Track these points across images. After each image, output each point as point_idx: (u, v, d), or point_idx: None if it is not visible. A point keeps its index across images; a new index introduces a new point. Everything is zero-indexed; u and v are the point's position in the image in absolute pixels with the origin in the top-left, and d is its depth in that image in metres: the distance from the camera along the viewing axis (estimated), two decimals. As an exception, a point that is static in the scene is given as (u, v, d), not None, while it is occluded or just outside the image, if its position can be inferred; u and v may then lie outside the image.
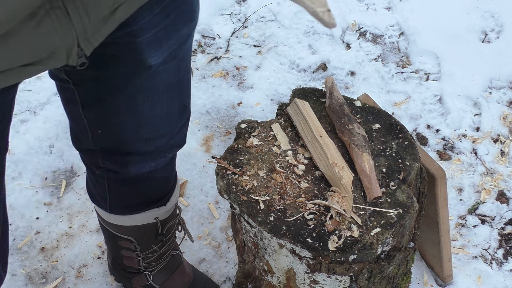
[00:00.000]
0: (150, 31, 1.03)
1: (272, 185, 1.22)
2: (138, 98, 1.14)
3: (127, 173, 1.30)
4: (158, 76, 1.12)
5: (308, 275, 1.21)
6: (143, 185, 1.36)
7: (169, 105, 1.21)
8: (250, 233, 1.25)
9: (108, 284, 1.77)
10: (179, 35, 1.10)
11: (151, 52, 1.06)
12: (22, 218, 1.92)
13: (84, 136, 1.23)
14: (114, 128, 1.19)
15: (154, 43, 1.05)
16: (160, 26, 1.04)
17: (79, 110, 1.17)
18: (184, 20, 1.09)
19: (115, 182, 1.35)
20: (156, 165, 1.32)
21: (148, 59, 1.07)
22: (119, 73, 1.09)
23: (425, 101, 2.23)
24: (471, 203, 1.93)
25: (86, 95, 1.14)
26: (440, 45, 2.40)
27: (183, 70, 1.19)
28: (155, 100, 1.16)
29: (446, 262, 1.65)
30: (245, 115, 2.20)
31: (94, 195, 1.43)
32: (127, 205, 1.41)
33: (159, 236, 1.49)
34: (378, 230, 1.14)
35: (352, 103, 1.39)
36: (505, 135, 2.11)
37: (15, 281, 1.78)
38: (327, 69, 2.36)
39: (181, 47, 1.13)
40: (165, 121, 1.23)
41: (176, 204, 1.50)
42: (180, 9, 1.07)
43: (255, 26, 2.55)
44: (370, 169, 1.21)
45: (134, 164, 1.28)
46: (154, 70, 1.10)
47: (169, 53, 1.10)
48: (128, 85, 1.11)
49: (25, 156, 2.08)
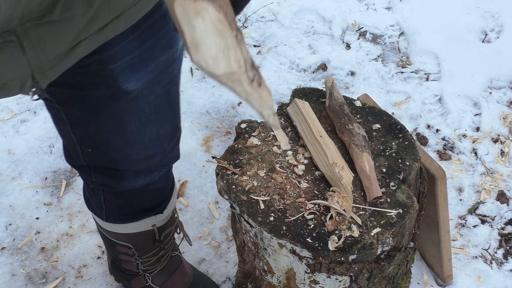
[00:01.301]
0: (123, 58, 0.99)
1: (272, 185, 1.22)
2: (123, 120, 1.11)
3: (121, 188, 1.28)
4: (143, 100, 1.09)
5: (308, 275, 1.21)
6: (139, 197, 1.34)
7: (160, 127, 1.18)
8: (250, 233, 1.25)
9: (108, 284, 1.77)
10: (158, 61, 1.06)
11: (126, 78, 1.03)
12: (22, 218, 1.92)
13: (75, 152, 1.21)
14: (103, 147, 1.16)
15: (128, 70, 1.02)
16: (135, 53, 1.00)
17: (67, 128, 1.14)
18: (162, 47, 1.05)
19: (110, 194, 1.33)
20: (150, 179, 1.30)
21: (124, 84, 1.03)
22: (96, 95, 1.05)
23: (425, 101, 2.23)
24: (471, 203, 1.93)
25: (71, 114, 1.11)
26: (440, 45, 2.40)
27: (172, 93, 1.16)
28: (143, 122, 1.13)
29: (446, 262, 1.65)
30: (245, 115, 2.20)
31: (90, 204, 1.42)
32: (124, 214, 1.40)
33: (157, 242, 1.48)
34: (378, 230, 1.14)
35: (352, 103, 1.39)
36: (505, 135, 2.11)
37: (15, 281, 1.78)
38: (327, 69, 2.36)
39: (166, 72, 1.09)
40: (156, 142, 1.21)
41: (173, 210, 1.48)
42: (157, 36, 1.02)
43: (255, 26, 2.55)
44: (370, 169, 1.21)
45: (128, 180, 1.26)
46: (137, 94, 1.07)
47: (150, 78, 1.07)
48: (109, 107, 1.08)
49: (25, 156, 2.08)
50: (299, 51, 2.42)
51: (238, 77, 0.55)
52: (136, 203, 1.37)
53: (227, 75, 0.54)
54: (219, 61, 0.54)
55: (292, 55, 2.41)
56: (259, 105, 0.58)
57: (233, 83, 0.55)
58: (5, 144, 2.12)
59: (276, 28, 2.52)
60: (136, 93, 1.06)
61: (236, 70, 0.54)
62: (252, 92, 0.57)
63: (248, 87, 0.56)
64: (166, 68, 1.09)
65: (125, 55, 0.99)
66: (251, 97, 0.57)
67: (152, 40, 1.02)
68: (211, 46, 0.53)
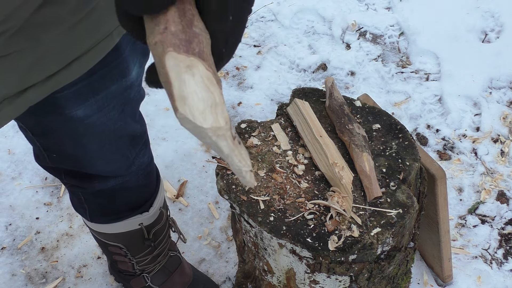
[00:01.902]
0: (70, 87, 0.97)
1: (272, 185, 1.22)
2: (83, 140, 1.10)
3: (92, 188, 1.27)
4: (100, 124, 1.08)
5: (308, 275, 1.21)
6: (117, 196, 1.33)
7: (121, 141, 1.18)
8: (250, 233, 1.25)
9: (108, 284, 1.77)
10: (109, 90, 1.04)
11: (74, 105, 1.01)
12: (22, 218, 1.92)
13: (41, 156, 1.20)
14: (67, 154, 1.16)
15: (76, 98, 1.00)
16: (83, 83, 0.98)
17: (30, 135, 1.13)
18: (113, 78, 1.03)
19: (87, 194, 1.32)
20: (122, 179, 1.29)
21: (72, 112, 1.01)
22: (48, 119, 1.04)
23: (425, 101, 2.23)
24: (471, 203, 1.93)
25: (31, 127, 1.10)
26: (440, 45, 2.40)
27: (129, 114, 1.15)
28: (103, 141, 1.13)
29: (446, 262, 1.65)
30: (245, 115, 2.20)
31: (74, 205, 1.41)
32: (107, 214, 1.39)
33: (146, 241, 1.47)
34: (378, 230, 1.14)
35: (352, 103, 1.39)
36: (505, 135, 2.11)
37: (15, 281, 1.78)
38: (327, 69, 2.36)
39: (119, 97, 1.08)
40: (118, 155, 1.21)
41: (161, 208, 1.47)
42: (108, 68, 1.00)
43: (255, 26, 2.55)
44: (370, 169, 1.21)
45: (98, 181, 1.26)
46: (91, 120, 1.05)
47: (103, 105, 1.05)
48: (65, 129, 1.06)
49: (25, 156, 2.08)
50: (299, 51, 2.42)
51: (223, 133, 0.56)
52: (117, 202, 1.36)
53: (214, 130, 0.55)
54: (207, 115, 0.55)
55: (292, 55, 2.41)
56: (239, 161, 0.59)
57: (218, 137, 0.56)
58: (5, 144, 2.12)
59: (276, 28, 2.52)
60: (89, 119, 1.05)
61: (223, 125, 0.56)
62: (234, 148, 0.58)
63: (231, 143, 0.58)
64: (119, 94, 1.07)
65: (71, 85, 0.96)
66: (233, 153, 0.58)
67: (102, 71, 1.00)
68: (199, 101, 0.55)
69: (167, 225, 1.53)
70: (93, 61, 0.93)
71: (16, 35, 0.77)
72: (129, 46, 1.02)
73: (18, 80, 0.83)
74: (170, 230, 1.57)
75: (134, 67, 1.07)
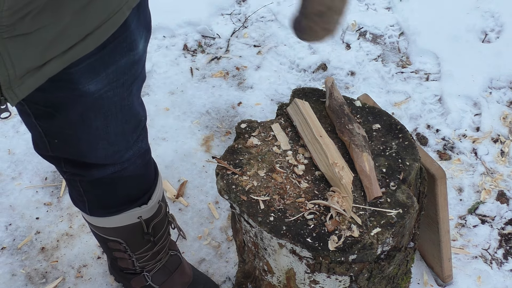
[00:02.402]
0: (83, 61, 1.01)
1: (272, 185, 1.22)
2: (88, 117, 1.13)
3: (91, 176, 1.29)
4: (107, 100, 1.11)
5: (308, 275, 1.21)
6: (116, 185, 1.34)
7: (125, 122, 1.21)
8: (250, 233, 1.25)
9: (108, 284, 1.77)
10: (119, 64, 1.08)
11: (87, 80, 1.05)
12: (22, 218, 1.92)
13: (42, 143, 1.22)
14: (69, 138, 1.18)
15: (89, 72, 1.04)
16: (96, 57, 1.02)
17: (32, 120, 1.16)
18: (122, 51, 1.08)
19: (87, 184, 1.34)
20: (120, 167, 1.31)
21: (85, 86, 1.05)
22: (58, 96, 1.07)
23: (425, 101, 2.23)
24: (471, 203, 1.93)
25: (35, 109, 1.13)
26: (440, 45, 2.40)
27: (135, 93, 1.18)
28: (109, 119, 1.16)
29: (446, 262, 1.65)
30: (245, 115, 2.20)
31: (73, 199, 1.43)
32: (106, 206, 1.40)
33: (146, 235, 1.48)
34: (378, 230, 1.14)
35: (352, 103, 1.39)
36: (505, 135, 2.11)
37: (15, 281, 1.78)
38: (327, 69, 2.36)
39: (128, 73, 1.12)
40: (122, 136, 1.23)
41: (160, 201, 1.48)
42: (117, 41, 1.05)
43: (255, 26, 2.55)
44: (370, 169, 1.21)
45: (96, 168, 1.28)
46: (100, 95, 1.09)
47: (112, 80, 1.09)
48: (73, 106, 1.10)
49: (25, 156, 2.08)
50: (299, 51, 2.42)
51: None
52: (116, 192, 1.37)
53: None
54: None
55: (292, 55, 2.41)
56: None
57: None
58: (5, 144, 2.12)
59: (276, 28, 2.52)
60: (99, 94, 1.09)
61: None
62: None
63: None
64: (127, 70, 1.12)
65: (85, 58, 1.01)
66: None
67: (112, 45, 1.04)
68: None
69: (167, 221, 1.53)
70: (106, 34, 0.99)
71: (40, 13, 0.83)
72: (135, 20, 1.06)
73: (40, 54, 0.89)
74: (169, 228, 1.57)
75: (141, 41, 1.12)
